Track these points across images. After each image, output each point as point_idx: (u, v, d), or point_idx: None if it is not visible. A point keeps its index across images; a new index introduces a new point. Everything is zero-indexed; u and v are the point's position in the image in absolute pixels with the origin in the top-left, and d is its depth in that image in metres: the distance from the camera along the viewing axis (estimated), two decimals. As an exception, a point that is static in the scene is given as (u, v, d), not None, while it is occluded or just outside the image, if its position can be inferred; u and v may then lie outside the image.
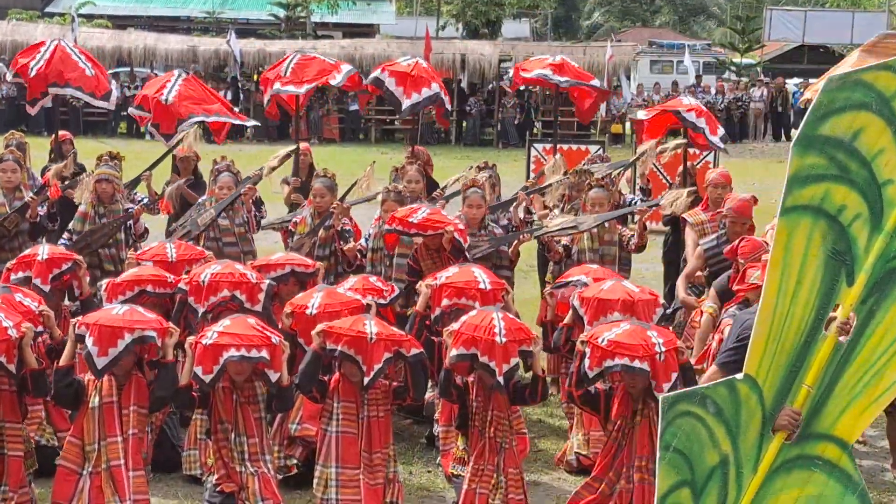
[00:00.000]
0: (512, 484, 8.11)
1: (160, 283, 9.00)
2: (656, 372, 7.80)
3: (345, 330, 7.96)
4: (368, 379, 7.89)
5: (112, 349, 7.65)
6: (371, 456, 8.05)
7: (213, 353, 7.75)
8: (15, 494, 7.82)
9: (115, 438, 7.81)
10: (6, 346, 7.63)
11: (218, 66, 38.57)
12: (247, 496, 7.85)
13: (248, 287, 8.94)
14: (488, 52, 38.60)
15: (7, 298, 8.51)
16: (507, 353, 7.93)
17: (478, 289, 8.92)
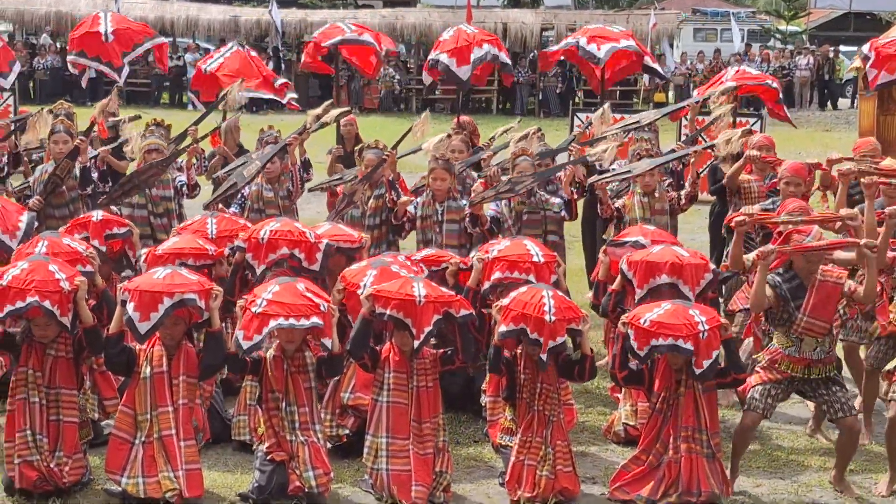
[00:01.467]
0: (560, 456, 8.17)
1: (200, 255, 9.05)
2: (698, 350, 7.86)
3: (393, 293, 8.04)
4: (418, 342, 7.96)
5: (153, 313, 7.75)
6: (421, 425, 8.14)
7: (260, 322, 7.84)
8: (69, 460, 7.97)
9: (166, 408, 7.94)
10: (59, 299, 7.76)
11: (259, 36, 38.63)
12: (297, 465, 7.96)
13: (307, 246, 9.02)
14: (530, 20, 38.46)
15: (54, 241, 8.69)
16: (554, 332, 7.99)
17: (531, 262, 8.95)
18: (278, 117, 25.95)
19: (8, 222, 9.43)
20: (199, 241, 9.21)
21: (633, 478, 8.16)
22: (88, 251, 8.72)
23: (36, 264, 7.95)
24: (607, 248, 9.64)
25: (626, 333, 8.03)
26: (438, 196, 10.70)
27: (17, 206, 10.03)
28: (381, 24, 36.09)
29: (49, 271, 7.87)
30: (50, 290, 7.76)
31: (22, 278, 7.78)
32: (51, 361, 8.02)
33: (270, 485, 7.94)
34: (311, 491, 7.92)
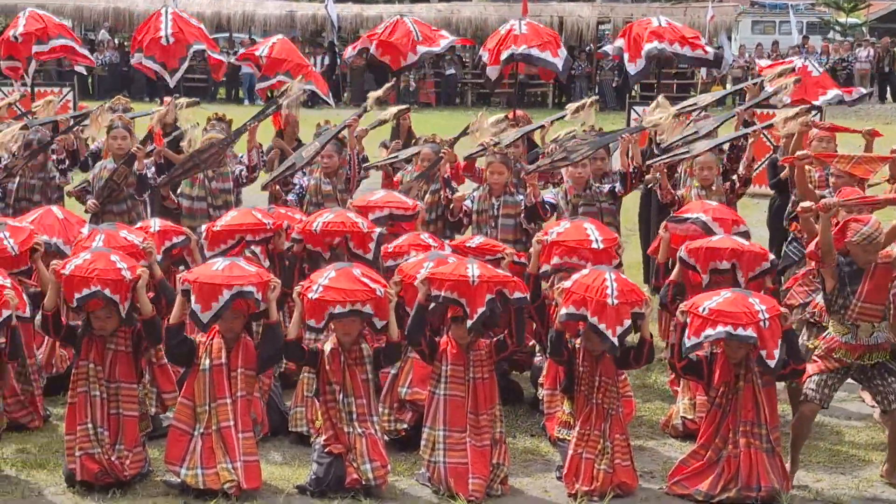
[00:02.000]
0: (618, 450, 8.14)
1: (258, 230, 9.11)
2: (763, 339, 7.78)
3: (447, 274, 8.06)
4: (472, 322, 7.97)
5: (214, 304, 7.83)
6: (477, 417, 8.14)
7: (318, 308, 7.89)
8: (130, 454, 8.05)
9: (224, 400, 7.99)
10: (119, 288, 7.85)
11: (315, 31, 38.72)
12: (354, 457, 7.98)
13: (359, 236, 9.06)
14: (586, 14, 38.30)
15: (111, 234, 8.80)
16: (619, 316, 7.94)
17: (590, 248, 8.93)
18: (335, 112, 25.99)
19: (70, 232, 9.60)
20: (257, 215, 9.26)
21: (692, 472, 8.12)
22: (145, 243, 8.81)
23: (98, 254, 8.05)
24: (668, 223, 9.60)
25: (685, 322, 7.99)
26: (495, 190, 10.69)
27: (79, 219, 10.18)
28: (437, 18, 36.08)
29: (111, 261, 7.97)
30: (111, 278, 7.85)
31: (84, 267, 7.88)
32: (111, 355, 8.10)
33: (328, 477, 7.97)
34: (369, 483, 7.95)
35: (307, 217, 9.70)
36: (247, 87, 35.41)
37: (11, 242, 8.78)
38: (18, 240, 8.81)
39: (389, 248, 9.45)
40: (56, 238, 9.47)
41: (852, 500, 8.21)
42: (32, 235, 8.92)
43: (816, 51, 39.92)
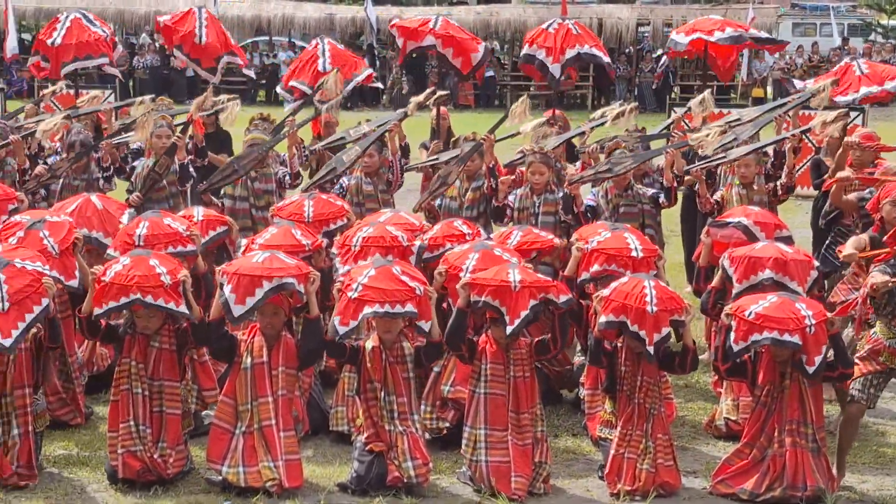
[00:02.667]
0: (661, 449, 8.11)
1: (295, 251, 8.91)
2: (807, 345, 7.76)
3: (488, 280, 8.03)
4: (512, 328, 7.93)
5: (250, 298, 7.83)
6: (519, 416, 8.12)
7: (356, 307, 7.89)
8: (173, 451, 8.08)
9: (266, 399, 8.00)
10: (161, 293, 7.86)
11: (354, 33, 38.75)
12: (396, 455, 7.98)
13: (399, 251, 9.02)
14: (626, 15, 38.15)
15: (155, 221, 8.85)
16: (657, 323, 7.92)
17: (629, 256, 8.88)
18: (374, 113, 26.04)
19: (109, 225, 9.60)
20: (296, 234, 9.18)
21: (736, 471, 8.09)
22: (189, 231, 8.83)
23: (137, 259, 8.04)
24: (710, 228, 9.54)
25: (729, 325, 7.94)
26: (536, 189, 10.69)
27: (119, 204, 10.16)
28: (476, 20, 36.09)
29: (150, 266, 7.97)
30: (151, 285, 7.86)
31: (124, 274, 7.90)
32: (154, 353, 8.13)
33: (369, 475, 7.97)
34: (410, 481, 7.95)
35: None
36: (286, 89, 35.42)
37: (52, 242, 8.75)
38: (58, 238, 8.77)
39: (424, 239, 9.49)
40: (96, 231, 9.49)
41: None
42: (72, 230, 8.91)
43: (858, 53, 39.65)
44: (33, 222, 8.89)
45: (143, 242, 8.64)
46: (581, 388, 9.23)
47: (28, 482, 8.02)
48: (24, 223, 8.93)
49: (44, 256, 8.34)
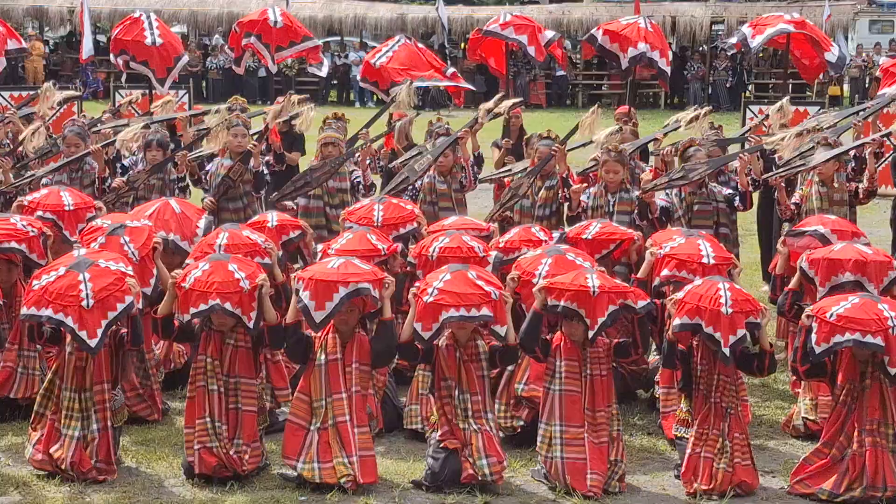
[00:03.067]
0: (738, 449, 8.05)
1: (371, 255, 8.98)
2: (889, 346, 7.69)
3: (567, 284, 8.01)
4: (593, 332, 7.93)
5: (328, 302, 7.85)
6: (595, 414, 8.09)
7: (433, 312, 7.90)
8: (248, 448, 8.13)
9: (340, 395, 8.02)
10: (239, 299, 7.92)
11: (426, 33, 38.78)
12: (470, 453, 7.97)
13: (475, 261, 8.98)
14: (700, 14, 37.90)
15: (234, 233, 8.96)
16: (733, 325, 7.87)
17: (700, 262, 8.85)
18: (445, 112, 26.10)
19: (187, 228, 9.72)
20: (371, 238, 9.23)
21: (815, 471, 8.02)
22: (267, 243, 8.92)
23: (216, 265, 8.12)
24: (786, 238, 9.51)
25: (810, 326, 7.87)
26: (611, 187, 10.66)
27: (196, 210, 10.26)
28: (548, 19, 35.95)
29: (229, 271, 8.04)
30: (230, 291, 7.94)
31: (203, 280, 7.97)
32: (230, 351, 8.18)
33: (444, 472, 7.97)
34: (485, 479, 7.94)
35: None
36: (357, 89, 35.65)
37: (132, 248, 8.89)
38: (138, 244, 8.92)
39: (501, 242, 9.47)
40: (173, 234, 9.60)
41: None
42: (151, 235, 9.05)
43: (936, 50, 39.11)
44: (114, 228, 9.05)
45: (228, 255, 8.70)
46: (656, 386, 9.19)
47: (107, 476, 8.10)
48: (104, 228, 9.09)
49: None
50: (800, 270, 8.79)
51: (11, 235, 8.99)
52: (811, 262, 8.69)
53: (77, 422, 8.13)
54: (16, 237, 9.01)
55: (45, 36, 40.68)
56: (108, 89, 23.62)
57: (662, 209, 10.64)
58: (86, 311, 7.85)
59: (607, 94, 36.55)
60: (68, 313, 7.86)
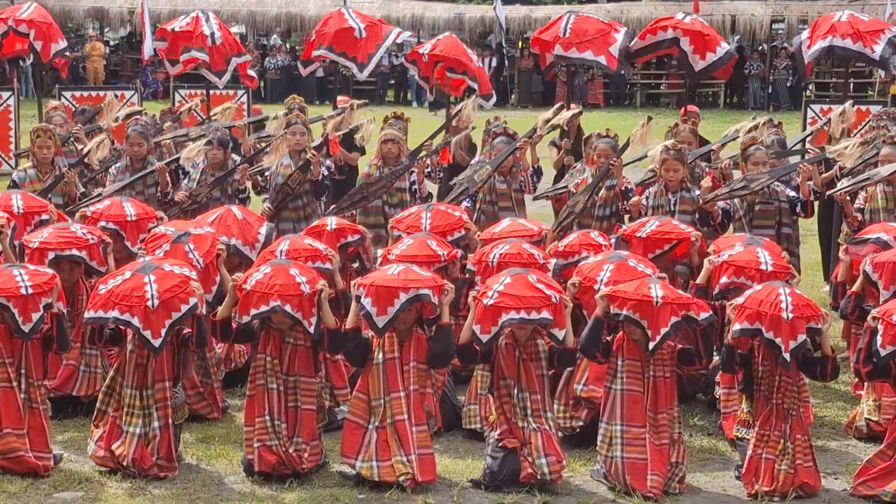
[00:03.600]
0: (800, 450, 8.01)
1: (430, 261, 9.04)
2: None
3: (630, 294, 8.00)
4: (654, 343, 7.92)
5: (390, 308, 7.91)
6: (657, 416, 8.07)
7: (493, 314, 7.91)
8: (307, 446, 8.18)
9: (398, 393, 8.06)
10: (299, 302, 7.98)
11: (483, 32, 38.85)
12: (529, 452, 7.97)
13: (536, 268, 8.92)
14: (759, 12, 37.60)
15: (295, 240, 9.08)
16: (793, 330, 7.84)
17: (758, 269, 8.81)
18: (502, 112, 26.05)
19: (248, 234, 9.81)
20: (432, 244, 9.29)
21: (879, 473, 7.95)
22: (328, 249, 8.98)
23: (278, 269, 8.20)
24: (848, 246, 9.48)
25: (875, 328, 7.81)
26: (671, 186, 10.62)
27: (258, 217, 10.34)
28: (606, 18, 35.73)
29: (290, 275, 8.11)
30: (291, 293, 8.00)
31: (265, 283, 8.04)
32: (289, 350, 8.23)
33: (503, 471, 7.98)
34: (544, 478, 7.94)
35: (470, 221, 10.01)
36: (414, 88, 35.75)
37: (197, 255, 9.04)
38: (203, 251, 9.08)
39: (560, 247, 9.47)
40: (235, 239, 9.69)
41: None
42: (215, 242, 9.18)
43: None
44: (179, 235, 9.22)
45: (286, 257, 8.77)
46: (717, 387, 9.15)
47: (168, 473, 8.18)
48: (169, 236, 9.24)
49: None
50: (863, 274, 8.73)
51: (72, 243, 9.15)
52: (875, 265, 8.64)
53: (138, 419, 8.21)
54: (76, 244, 9.17)
55: (106, 37, 41.05)
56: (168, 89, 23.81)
57: (723, 211, 10.59)
58: (151, 312, 7.99)
59: (665, 94, 36.38)
60: (134, 314, 7.99)
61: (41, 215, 10.03)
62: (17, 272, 8.26)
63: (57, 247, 9.10)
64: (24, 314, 8.08)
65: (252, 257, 9.58)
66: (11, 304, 8.06)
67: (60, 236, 9.22)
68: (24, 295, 8.09)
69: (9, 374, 8.21)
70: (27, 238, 9.32)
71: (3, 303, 8.07)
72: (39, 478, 8.10)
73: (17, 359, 8.26)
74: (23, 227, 9.73)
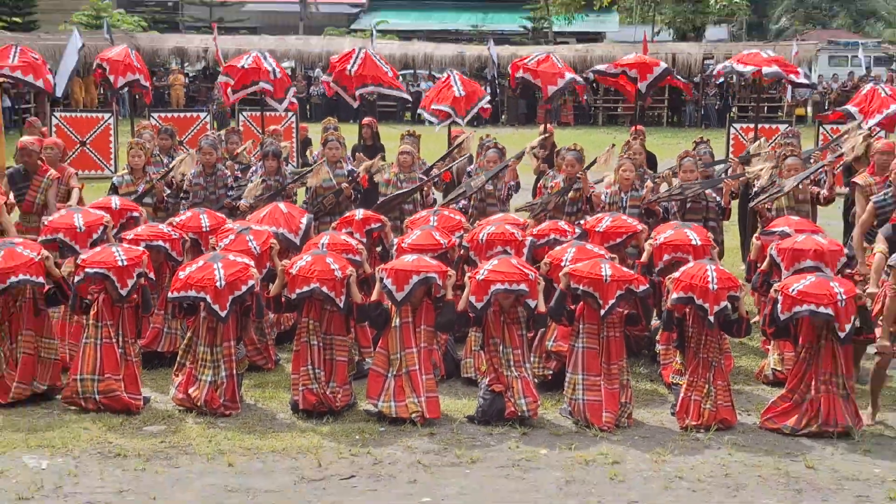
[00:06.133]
0: (721, 393, 8.02)
1: (436, 248, 9.05)
2: (839, 315, 7.61)
3: (585, 272, 8.02)
4: (604, 311, 7.93)
5: (406, 286, 7.95)
6: (609, 367, 8.08)
7: (484, 286, 7.92)
8: (340, 389, 8.21)
9: (411, 350, 8.07)
10: (334, 285, 8.02)
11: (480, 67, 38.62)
12: (512, 394, 7.99)
13: (515, 244, 9.10)
14: (694, 52, 37.47)
15: (333, 236, 9.08)
16: (717, 298, 7.85)
17: (690, 244, 8.86)
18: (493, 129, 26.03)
19: (292, 224, 9.81)
20: (435, 235, 9.30)
21: (781, 411, 7.98)
22: (358, 244, 9.03)
23: (317, 258, 8.23)
24: (760, 236, 9.53)
25: (776, 299, 7.82)
26: (624, 186, 10.59)
27: (300, 210, 10.32)
28: (575, 56, 35.79)
29: (326, 263, 8.14)
30: (326, 277, 8.04)
31: (307, 268, 8.11)
32: (327, 314, 8.24)
33: (492, 409, 7.99)
34: (523, 414, 7.96)
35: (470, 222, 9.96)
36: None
37: (254, 244, 9.07)
38: (259, 241, 9.11)
39: (534, 231, 9.51)
40: (282, 228, 9.70)
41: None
42: (269, 238, 9.20)
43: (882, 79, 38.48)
44: (242, 229, 9.31)
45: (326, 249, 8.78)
46: (657, 344, 9.15)
47: (232, 411, 8.21)
48: (234, 230, 9.33)
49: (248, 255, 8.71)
50: (770, 257, 8.71)
51: (159, 236, 9.33)
52: (779, 250, 8.62)
53: (209, 370, 8.23)
54: (162, 238, 9.32)
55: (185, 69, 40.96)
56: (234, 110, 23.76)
57: (664, 209, 10.58)
58: (219, 290, 8.04)
59: (621, 115, 36.21)
60: (206, 292, 8.06)
61: (132, 212, 10.12)
62: (115, 249, 8.39)
63: (147, 238, 9.20)
64: (121, 281, 8.17)
65: (296, 241, 9.60)
66: (112, 273, 8.13)
67: (150, 231, 9.37)
68: (120, 266, 8.16)
69: (110, 333, 8.26)
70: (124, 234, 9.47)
71: (105, 273, 8.13)
72: (132, 414, 8.15)
73: (116, 322, 8.31)
74: (117, 221, 9.83)
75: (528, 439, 7.74)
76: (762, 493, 6.89)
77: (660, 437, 7.82)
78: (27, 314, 8.40)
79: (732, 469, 7.24)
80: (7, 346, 8.40)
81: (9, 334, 8.40)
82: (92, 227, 9.25)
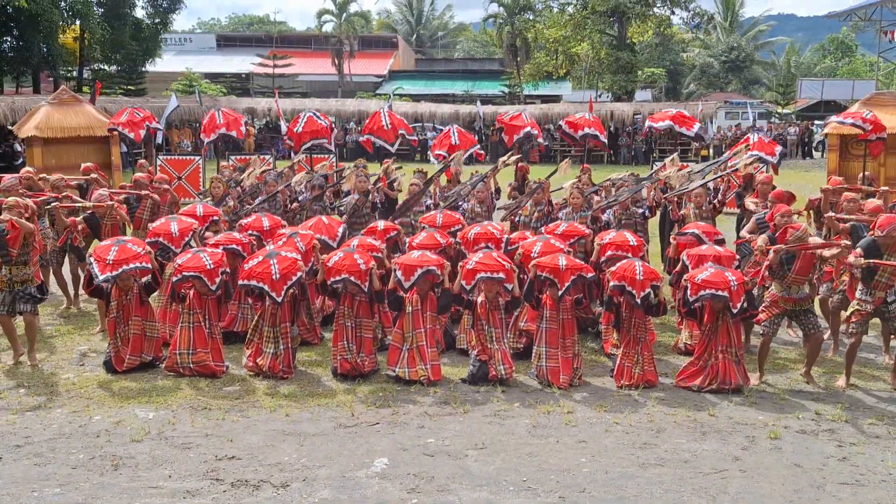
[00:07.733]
0: (646, 361, 7.98)
1: (436, 246, 8.94)
2: (732, 297, 7.56)
3: (546, 263, 7.96)
4: (561, 292, 7.86)
5: (412, 276, 7.88)
6: (565, 341, 8.02)
7: (472, 273, 7.88)
8: (367, 359, 8.13)
9: (420, 330, 8.01)
10: (360, 275, 7.94)
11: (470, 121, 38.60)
12: (494, 362, 7.94)
13: (495, 240, 9.03)
14: (626, 109, 37.49)
15: (362, 240, 8.96)
16: (643, 286, 7.80)
17: (628, 245, 8.80)
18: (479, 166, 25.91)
19: (331, 232, 9.69)
20: (436, 236, 9.20)
21: (690, 374, 7.93)
22: (381, 243, 8.94)
23: (347, 255, 8.15)
24: (675, 236, 9.43)
25: (686, 286, 7.78)
26: (576, 208, 10.57)
27: (338, 222, 10.21)
28: (540, 112, 35.79)
29: (353, 259, 8.06)
30: (355, 270, 7.96)
31: (339, 262, 8.03)
32: (357, 303, 8.19)
33: (479, 373, 7.94)
34: (502, 377, 7.91)
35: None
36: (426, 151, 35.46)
37: (301, 244, 8.97)
38: (305, 242, 9.01)
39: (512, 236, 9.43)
40: (323, 235, 9.61)
41: (784, 391, 7.90)
42: (313, 239, 9.09)
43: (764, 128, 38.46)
44: (292, 233, 9.21)
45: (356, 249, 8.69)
46: (600, 324, 9.11)
47: (288, 376, 8.15)
48: (286, 234, 9.24)
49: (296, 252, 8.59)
50: (682, 261, 8.68)
51: (234, 241, 9.21)
52: (689, 256, 8.58)
53: (272, 344, 8.19)
54: (235, 242, 9.21)
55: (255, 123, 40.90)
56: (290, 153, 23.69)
57: (605, 222, 10.55)
58: (274, 281, 7.95)
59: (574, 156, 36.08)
60: (265, 282, 7.96)
61: (214, 217, 10.06)
62: (203, 255, 8.26)
63: (225, 243, 9.11)
64: (210, 280, 8.09)
65: (334, 246, 9.51)
66: (202, 275, 8.05)
67: (227, 238, 9.25)
68: (208, 269, 8.09)
69: (199, 318, 8.21)
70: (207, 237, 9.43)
71: (198, 275, 8.07)
72: (216, 378, 8.11)
73: (203, 309, 8.25)
74: (202, 224, 9.78)
75: (506, 396, 7.69)
76: (677, 434, 6.86)
77: (602, 394, 7.78)
78: (135, 304, 8.36)
79: (655, 417, 7.21)
80: (122, 329, 8.37)
81: (123, 320, 8.38)
82: (184, 231, 9.16)
